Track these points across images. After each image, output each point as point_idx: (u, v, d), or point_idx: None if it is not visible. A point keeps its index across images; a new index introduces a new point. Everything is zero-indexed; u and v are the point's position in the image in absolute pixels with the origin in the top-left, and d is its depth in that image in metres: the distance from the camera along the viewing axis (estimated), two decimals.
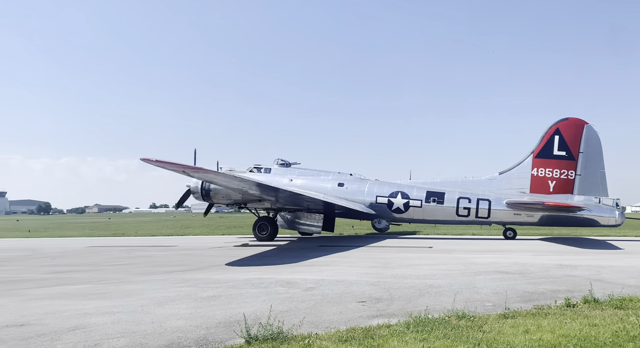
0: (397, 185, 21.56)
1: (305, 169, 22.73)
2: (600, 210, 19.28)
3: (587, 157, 19.57)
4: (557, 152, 19.67)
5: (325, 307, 6.89)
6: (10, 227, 44.63)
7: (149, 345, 5.11)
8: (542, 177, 19.81)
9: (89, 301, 7.51)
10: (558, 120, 20.08)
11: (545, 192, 19.72)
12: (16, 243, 22.06)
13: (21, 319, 6.28)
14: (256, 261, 13.18)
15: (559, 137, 19.74)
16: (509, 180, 20.36)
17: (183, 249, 17.59)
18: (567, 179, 19.55)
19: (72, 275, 10.70)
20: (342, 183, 21.76)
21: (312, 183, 21.77)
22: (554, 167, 19.70)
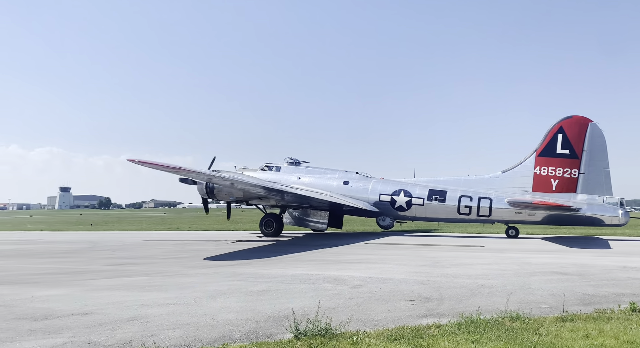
0: (401, 184, 21.84)
1: (313, 167, 23.27)
2: (604, 209, 18.88)
3: (591, 155, 19.13)
4: (560, 151, 19.34)
5: (373, 304, 6.85)
6: (74, 220, 47.45)
7: (201, 336, 5.28)
8: (544, 176, 19.52)
9: (146, 293, 7.85)
10: (562, 118, 19.65)
11: (548, 191, 19.41)
12: (79, 236, 23.43)
13: (85, 308, 6.65)
14: (304, 257, 13.29)
15: (562, 136, 19.39)
16: (511, 178, 20.18)
17: (232, 244, 18.02)
18: (570, 178, 19.22)
19: (130, 268, 11.23)
20: (347, 182, 22.23)
21: (319, 181, 22.34)
22: (557, 166, 19.40)
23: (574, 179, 19.18)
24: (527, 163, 20.04)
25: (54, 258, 13.46)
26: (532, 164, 19.85)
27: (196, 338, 5.23)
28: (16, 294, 7.75)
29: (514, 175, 20.16)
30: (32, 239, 21.48)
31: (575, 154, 19.19)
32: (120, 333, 5.38)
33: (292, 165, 23.20)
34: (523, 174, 19.95)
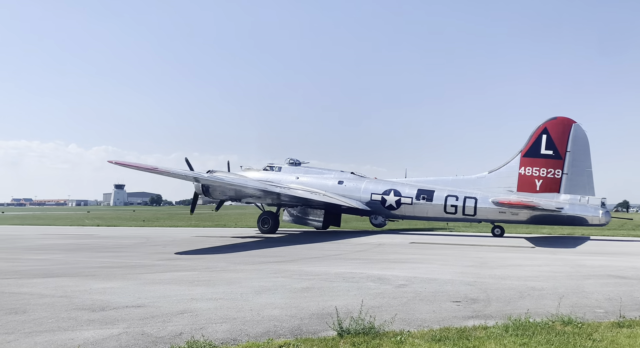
0: (391, 183, 22.62)
1: (312, 167, 24.29)
2: (585, 209, 19.08)
3: (574, 156, 19.44)
4: (544, 151, 19.63)
5: (418, 304, 6.78)
6: (127, 216, 49.65)
7: (247, 331, 5.42)
8: (529, 176, 19.85)
9: (195, 287, 8.13)
10: (546, 120, 19.96)
11: (532, 191, 19.74)
12: (133, 232, 24.51)
13: (138, 301, 6.98)
14: (348, 255, 13.31)
15: (546, 136, 19.68)
16: (497, 178, 20.55)
17: (277, 241, 18.31)
18: (554, 178, 19.52)
19: (179, 263, 11.65)
20: (341, 181, 23.11)
21: (316, 180, 23.26)
22: (541, 166, 19.70)
23: (557, 179, 19.47)
24: (512, 163, 20.37)
25: (110, 253, 14.17)
26: (517, 164, 20.15)
27: (242, 332, 5.37)
28: (76, 286, 8.22)
29: (500, 176, 20.52)
30: (90, 234, 22.69)
31: (558, 155, 19.47)
32: (171, 326, 5.61)
33: (292, 166, 24.13)
34: (508, 174, 20.29)
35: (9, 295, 7.36)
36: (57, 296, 7.33)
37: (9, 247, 15.96)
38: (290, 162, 24.30)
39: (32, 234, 22.69)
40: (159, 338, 5.14)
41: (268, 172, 23.85)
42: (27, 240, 18.91)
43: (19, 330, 5.39)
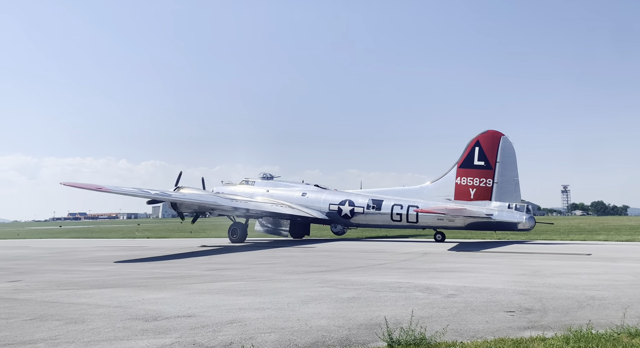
0: (347, 194, 24.49)
1: (281, 181, 26.49)
2: (511, 215, 20.25)
3: (503, 166, 20.88)
4: (477, 162, 21.14)
5: (470, 315, 6.56)
6: (175, 228, 51.09)
7: (296, 341, 5.41)
8: (464, 185, 21.32)
9: (243, 297, 8.22)
10: (479, 133, 21.51)
11: (467, 199, 21.13)
12: (181, 243, 25.18)
13: (189, 311, 7.12)
14: (394, 265, 13.11)
15: (478, 149, 21.21)
16: (437, 188, 22.09)
17: (321, 251, 18.30)
18: (486, 187, 20.93)
19: (226, 273, 11.84)
20: (305, 193, 25.14)
21: (284, 193, 25.41)
22: (475, 176, 21.15)
23: (488, 188, 20.91)
24: (450, 174, 21.91)
25: (160, 263, 14.59)
26: (454, 175, 21.68)
27: (291, 342, 5.36)
28: (129, 296, 8.50)
29: (439, 186, 22.09)
30: (140, 246, 23.48)
31: (489, 165, 20.96)
32: (221, 336, 5.68)
33: (265, 180, 26.43)
34: (447, 184, 21.84)
35: (69, 306, 7.70)
36: (112, 306, 7.60)
37: (67, 260, 16.74)
38: (263, 176, 26.59)
39: (87, 247, 23.74)
40: (210, 347, 5.21)
41: (244, 186, 26.18)
42: (82, 253, 19.79)
43: (79, 339, 5.60)
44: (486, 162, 21.09)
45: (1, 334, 5.88)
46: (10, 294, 8.98)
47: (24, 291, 9.34)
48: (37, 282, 10.58)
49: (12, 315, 7.03)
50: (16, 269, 13.64)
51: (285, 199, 24.95)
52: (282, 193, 25.35)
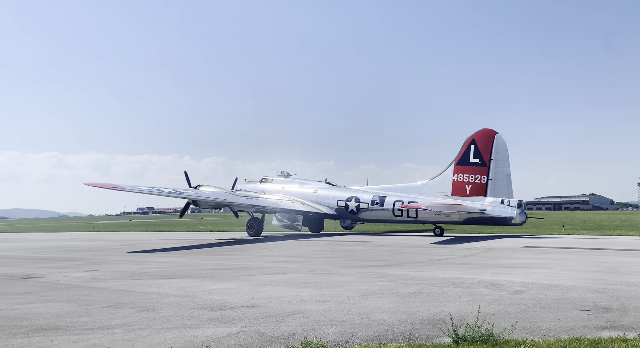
0: (354, 191, 25.56)
1: (296, 179, 27.70)
2: (503, 210, 20.97)
3: (497, 163, 21.50)
4: (472, 160, 21.79)
5: (539, 312, 6.24)
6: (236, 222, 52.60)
7: (358, 334, 5.39)
8: (461, 182, 22.02)
9: (303, 289, 8.32)
10: (475, 132, 22.14)
11: (463, 195, 21.87)
12: (241, 236, 25.91)
13: (252, 302, 7.30)
14: (455, 260, 12.76)
15: (474, 147, 21.84)
16: (436, 185, 22.90)
17: (379, 245, 18.16)
18: (481, 183, 21.60)
19: (286, 265, 12.04)
20: (316, 190, 26.33)
21: (298, 190, 26.65)
22: (470, 173, 21.81)
23: (483, 184, 21.59)
24: (447, 171, 22.70)
25: (223, 256, 15.09)
26: (451, 172, 22.43)
27: (353, 335, 5.35)
28: (196, 286, 8.85)
29: (438, 182, 22.90)
30: (204, 239, 24.41)
31: (484, 162, 21.63)
32: (284, 326, 5.77)
33: (281, 177, 27.78)
34: (445, 181, 22.61)
35: (141, 294, 8.13)
36: (180, 296, 7.94)
37: (141, 253, 17.71)
38: (280, 174, 27.94)
39: (155, 239, 25.00)
40: (274, 338, 5.31)
41: (263, 183, 27.74)
42: (151, 245, 20.86)
43: (151, 326, 5.90)
44: (481, 159, 21.88)
45: (82, 319, 6.31)
46: (89, 283, 9.62)
47: (100, 280, 9.99)
48: (111, 272, 11.28)
49: (91, 302, 7.53)
50: (93, 260, 14.61)
51: (298, 196, 26.22)
52: (296, 190, 26.65)
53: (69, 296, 8.09)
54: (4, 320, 6.34)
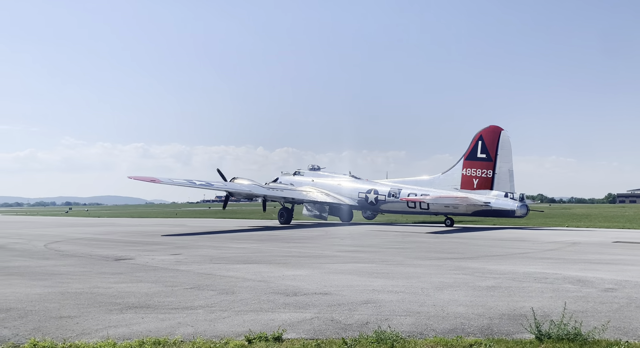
0: (373, 183, 27.15)
1: (324, 172, 29.44)
2: (506, 203, 21.92)
3: (502, 158, 22.54)
4: (480, 155, 22.91)
5: (635, 312, 5.75)
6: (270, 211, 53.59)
7: (433, 326, 5.28)
8: (469, 176, 23.18)
9: (375, 279, 8.30)
10: (482, 128, 23.28)
11: (471, 188, 22.95)
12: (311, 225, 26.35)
13: (324, 289, 7.41)
14: (539, 254, 12.09)
15: (481, 143, 22.91)
16: (446, 179, 24.15)
17: (454, 237, 17.65)
18: (487, 177, 22.71)
19: (357, 255, 12.07)
20: (340, 183, 28.04)
21: (325, 182, 28.32)
22: (478, 168, 22.95)
23: (489, 179, 22.74)
24: (457, 166, 23.84)
25: (296, 243, 15.44)
26: (460, 166, 23.63)
27: (428, 327, 5.26)
28: (271, 272, 9.14)
29: (448, 176, 24.16)
30: (277, 226, 25.11)
31: (490, 158, 22.74)
32: (357, 315, 5.80)
33: (312, 171, 29.56)
34: (454, 175, 23.81)
35: (220, 278, 8.54)
36: (256, 280, 8.24)
37: (216, 237, 18.62)
38: (310, 168, 29.81)
39: (232, 226, 26.13)
40: (347, 325, 5.35)
41: (296, 176, 29.51)
42: (228, 231, 21.83)
43: (231, 309, 6.19)
44: (487, 154, 22.99)
45: (168, 299, 6.76)
46: (173, 265, 10.27)
47: (184, 263, 10.62)
48: (193, 256, 11.95)
49: (176, 283, 8.03)
50: (176, 244, 15.57)
51: (325, 188, 27.94)
52: (324, 182, 28.39)
53: (156, 277, 8.69)
54: (102, 297, 6.96)
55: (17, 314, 5.92)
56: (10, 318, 5.71)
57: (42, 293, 7.24)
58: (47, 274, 9.20)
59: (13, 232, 22.77)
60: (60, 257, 12.22)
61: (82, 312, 6.00)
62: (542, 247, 13.60)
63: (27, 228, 26.88)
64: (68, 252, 13.42)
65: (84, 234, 20.90)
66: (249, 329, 5.12)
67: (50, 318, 5.73)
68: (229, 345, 4.65)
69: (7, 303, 6.51)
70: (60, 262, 11.07)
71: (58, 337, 4.96)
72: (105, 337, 4.92)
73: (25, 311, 6.08)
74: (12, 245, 15.80)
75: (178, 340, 4.79)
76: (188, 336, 4.95)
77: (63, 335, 5.01)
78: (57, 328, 5.28)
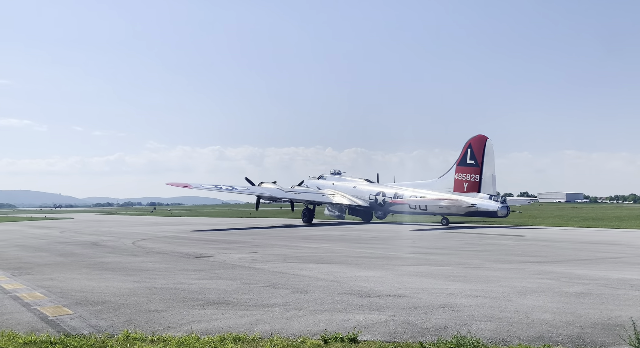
0: (382, 186, 30.42)
1: (343, 176, 32.73)
2: (489, 204, 24.80)
3: (487, 164, 25.41)
4: (469, 161, 25.63)
5: None
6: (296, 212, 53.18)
7: (517, 333, 5.00)
8: (460, 180, 25.76)
9: (451, 282, 8.03)
10: (471, 137, 25.98)
11: (462, 191, 25.53)
12: (382, 227, 26.09)
13: (398, 291, 7.28)
14: (635, 259, 11.10)
15: (470, 150, 25.64)
16: (442, 182, 26.54)
17: (535, 239, 16.69)
18: (475, 181, 25.46)
19: (431, 257, 11.75)
20: (355, 186, 31.27)
21: (343, 185, 31.68)
22: (467, 173, 25.65)
23: (476, 182, 25.19)
24: (451, 171, 26.30)
25: (366, 244, 15.36)
26: (453, 171, 26.13)
27: (511, 334, 4.99)
28: (343, 272, 9.15)
29: (444, 180, 26.65)
30: (348, 227, 25.15)
31: (477, 163, 25.18)
32: (434, 319, 5.63)
33: (333, 175, 32.94)
34: (449, 179, 26.28)
35: (294, 277, 8.69)
36: (329, 280, 8.29)
37: (288, 236, 19.01)
38: (332, 172, 33.15)
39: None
40: (424, 329, 5.21)
41: (319, 180, 32.91)
42: (300, 231, 22.21)
43: (305, 308, 6.26)
44: (475, 161, 25.59)
45: (246, 297, 6.98)
46: (249, 263, 10.61)
47: (259, 261, 10.94)
48: (267, 255, 12.28)
49: (252, 281, 8.28)
50: (251, 243, 16.09)
51: (343, 190, 31.20)
52: (342, 186, 31.64)
53: (233, 275, 9.03)
54: (185, 292, 7.34)
55: (111, 307, 6.40)
56: (106, 311, 6.19)
57: (132, 287, 7.78)
58: (136, 270, 9.88)
59: (105, 231, 24.74)
60: (147, 254, 13.08)
61: (168, 307, 6.37)
62: (636, 251, 12.45)
63: (117, 226, 29.08)
64: (153, 249, 14.33)
65: (167, 232, 22.22)
66: (324, 329, 5.15)
67: (140, 311, 6.14)
68: (305, 344, 4.71)
69: (102, 296, 7.07)
70: (146, 259, 11.84)
71: (147, 329, 5.29)
72: (189, 331, 5.17)
73: (118, 304, 6.56)
74: (105, 242, 17.15)
75: (257, 336, 4.93)
76: (266, 333, 5.08)
77: (151, 328, 5.34)
78: (146, 322, 5.64)
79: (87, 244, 16.37)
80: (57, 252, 13.78)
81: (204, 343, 4.73)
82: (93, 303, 6.60)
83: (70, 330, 5.29)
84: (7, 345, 4.69)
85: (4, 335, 5.03)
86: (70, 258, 12.09)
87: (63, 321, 5.70)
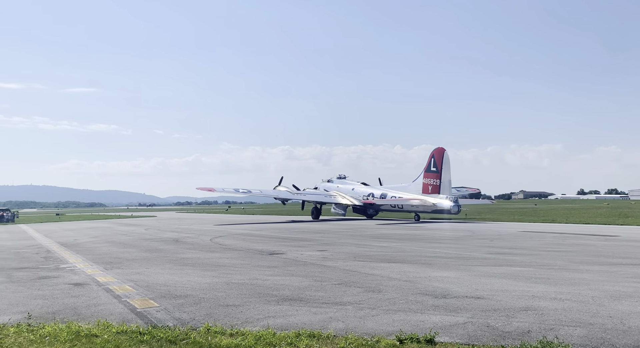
0: (372, 188, 36.67)
1: (346, 179, 39.04)
2: (444, 204, 30.10)
3: (444, 171, 30.91)
4: (432, 169, 31.32)
5: None
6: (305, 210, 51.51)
7: (612, 341, 4.60)
8: (426, 184, 31.45)
9: (534, 284, 7.57)
10: (434, 149, 31.55)
11: (427, 193, 31.24)
12: (457, 226, 25.24)
13: (476, 293, 6.98)
14: None
15: (433, 159, 31.26)
16: (414, 186, 32.49)
17: (627, 240, 15.33)
18: (436, 185, 31.07)
19: (510, 258, 11.17)
20: (353, 188, 37.23)
21: (344, 187, 37.73)
22: (431, 178, 31.33)
23: (437, 186, 31.08)
24: (421, 177, 31.97)
25: (439, 244, 14.92)
26: (422, 177, 31.85)
27: (605, 341, 4.60)
28: (416, 272, 8.95)
29: (415, 184, 32.37)
30: (418, 226, 24.61)
31: (438, 171, 31.13)
32: (516, 322, 5.34)
33: (338, 179, 39.20)
34: (418, 183, 31.97)
35: (366, 275, 8.64)
36: (402, 280, 8.14)
37: (358, 235, 18.97)
38: (338, 177, 39.36)
39: (371, 224, 26.36)
40: (505, 333, 4.95)
41: (328, 183, 39.16)
42: (369, 229, 22.07)
43: (379, 307, 6.19)
44: (436, 168, 30.93)
45: (318, 294, 7.04)
46: (320, 261, 10.70)
47: (330, 259, 11.00)
48: (338, 253, 12.31)
49: (324, 279, 8.34)
50: (321, 241, 16.23)
51: (344, 192, 37.11)
52: (344, 188, 37.66)
53: (305, 272, 9.14)
54: (260, 288, 7.54)
55: (192, 301, 6.73)
56: (188, 304, 6.51)
57: (211, 282, 8.13)
58: (214, 266, 10.32)
59: (185, 228, 26.13)
60: (223, 250, 13.62)
61: (245, 302, 6.57)
62: None
63: (196, 224, 30.62)
64: (229, 246, 14.90)
65: (242, 230, 23.04)
66: (399, 329, 5.06)
67: (219, 306, 6.39)
68: (381, 344, 4.65)
69: (184, 291, 7.45)
70: (223, 255, 12.33)
71: (226, 323, 5.49)
72: (265, 326, 5.30)
73: (198, 298, 6.87)
74: (185, 239, 18.11)
75: (331, 334, 4.94)
76: (340, 331, 5.08)
77: (230, 322, 5.54)
78: (225, 316, 5.86)
79: (169, 241, 17.38)
80: (142, 248, 14.75)
81: (280, 338, 4.82)
82: (176, 297, 6.97)
83: (157, 322, 5.62)
84: (102, 334, 5.08)
85: (99, 324, 5.45)
86: (155, 254, 12.88)
87: (150, 313, 6.07)
